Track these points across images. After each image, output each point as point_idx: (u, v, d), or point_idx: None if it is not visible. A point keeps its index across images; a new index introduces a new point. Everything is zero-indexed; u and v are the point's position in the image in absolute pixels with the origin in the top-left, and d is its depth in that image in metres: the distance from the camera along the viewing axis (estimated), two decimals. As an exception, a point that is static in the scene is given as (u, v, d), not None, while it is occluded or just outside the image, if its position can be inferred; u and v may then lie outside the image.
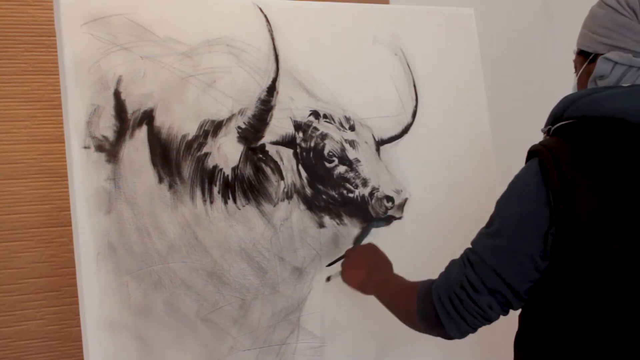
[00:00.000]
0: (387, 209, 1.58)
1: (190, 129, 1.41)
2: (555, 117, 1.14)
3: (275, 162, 1.49)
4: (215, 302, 1.40)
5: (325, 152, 1.54)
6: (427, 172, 1.65)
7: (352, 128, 1.58)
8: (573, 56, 1.24)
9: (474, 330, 1.15)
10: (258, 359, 1.45)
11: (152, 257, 1.35)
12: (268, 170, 1.48)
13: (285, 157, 1.50)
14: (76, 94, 1.31)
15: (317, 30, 1.57)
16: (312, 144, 1.53)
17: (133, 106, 1.36)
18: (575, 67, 1.23)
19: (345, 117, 1.57)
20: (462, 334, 1.16)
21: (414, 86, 1.67)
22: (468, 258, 1.14)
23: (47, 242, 1.74)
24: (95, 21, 1.34)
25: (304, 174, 1.51)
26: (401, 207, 1.60)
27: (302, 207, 1.51)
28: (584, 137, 1.08)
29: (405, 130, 1.65)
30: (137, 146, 1.36)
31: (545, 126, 1.16)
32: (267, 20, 1.51)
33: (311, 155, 1.53)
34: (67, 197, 1.31)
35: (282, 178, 1.49)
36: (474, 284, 1.11)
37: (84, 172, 1.30)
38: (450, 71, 1.72)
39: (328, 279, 1.52)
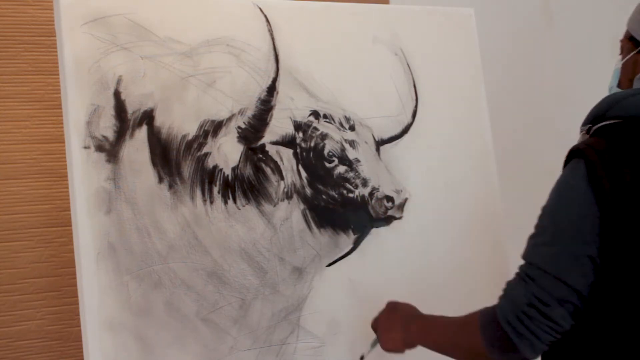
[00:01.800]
0: (387, 209, 1.57)
1: (190, 129, 1.41)
2: (596, 116, 1.09)
3: (275, 162, 1.49)
4: (215, 302, 1.40)
5: (325, 152, 1.54)
6: (427, 172, 1.65)
7: (352, 128, 1.58)
8: (621, 37, 1.17)
9: (547, 346, 1.08)
10: (258, 359, 1.45)
11: (152, 257, 1.35)
12: (268, 170, 1.48)
13: (285, 157, 1.50)
14: (76, 94, 1.31)
15: (317, 30, 1.57)
16: (312, 144, 1.53)
17: (133, 106, 1.36)
18: (622, 51, 1.16)
19: (345, 117, 1.57)
20: (537, 353, 1.09)
21: (414, 86, 1.67)
22: (527, 274, 1.07)
23: (47, 242, 1.74)
24: (95, 21, 1.34)
25: (304, 174, 1.51)
26: (401, 207, 1.60)
27: (302, 207, 1.51)
28: (630, 139, 1.03)
29: (405, 130, 1.65)
30: (137, 146, 1.36)
31: (584, 124, 1.11)
32: (267, 20, 1.51)
33: (311, 155, 1.53)
34: (67, 197, 1.31)
35: (282, 178, 1.49)
36: (542, 299, 1.05)
37: (84, 172, 1.30)
38: (450, 71, 1.72)
39: (361, 358, 1.48)
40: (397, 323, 1.34)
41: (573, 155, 1.08)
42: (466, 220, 1.68)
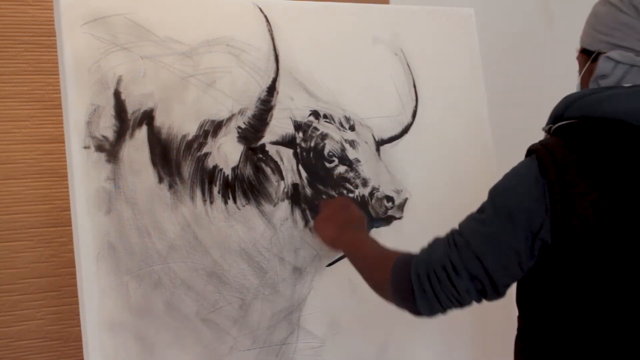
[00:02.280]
0: (387, 209, 1.57)
1: (190, 129, 1.41)
2: (556, 116, 1.13)
3: (275, 162, 1.49)
4: (215, 302, 1.40)
5: (325, 152, 1.54)
6: (427, 172, 1.65)
7: (352, 128, 1.58)
8: (576, 54, 1.22)
9: (444, 312, 1.14)
10: (258, 359, 1.45)
11: (152, 257, 1.35)
12: (268, 170, 1.48)
13: (285, 157, 1.50)
14: (76, 94, 1.31)
15: (317, 30, 1.57)
16: (312, 144, 1.53)
17: (133, 106, 1.36)
18: (579, 66, 1.22)
19: (345, 117, 1.57)
20: (432, 313, 1.15)
21: (414, 86, 1.67)
22: (454, 240, 1.12)
23: (47, 242, 1.74)
24: (95, 21, 1.34)
25: (304, 174, 1.51)
26: (401, 207, 1.60)
27: (302, 207, 1.51)
28: (583, 138, 1.07)
29: (405, 130, 1.65)
30: (137, 146, 1.36)
31: (547, 125, 1.15)
32: (267, 20, 1.51)
33: (311, 155, 1.53)
34: (67, 197, 1.31)
35: (282, 178, 1.49)
36: (456, 267, 1.09)
37: (84, 172, 1.30)
38: (450, 71, 1.72)
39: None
40: (338, 220, 1.40)
41: (529, 153, 1.12)
42: (466, 220, 1.68)
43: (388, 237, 1.58)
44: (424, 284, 1.11)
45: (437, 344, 1.64)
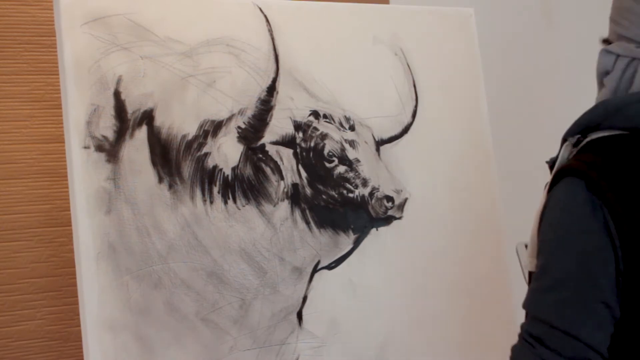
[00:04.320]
0: (387, 209, 1.57)
1: (190, 129, 1.41)
2: (588, 126, 0.95)
3: (275, 162, 1.49)
4: (215, 302, 1.40)
5: (325, 152, 1.54)
6: (427, 172, 1.65)
7: (352, 128, 1.58)
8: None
9: None
10: (258, 359, 1.45)
11: (152, 257, 1.35)
12: (268, 170, 1.48)
13: (285, 157, 1.50)
14: (76, 94, 1.31)
15: (317, 30, 1.57)
16: (312, 144, 1.53)
17: (133, 106, 1.36)
18: None
19: (345, 117, 1.57)
20: None
21: (414, 86, 1.67)
22: (530, 333, 0.90)
23: (47, 242, 1.74)
24: (95, 21, 1.34)
25: (304, 174, 1.51)
26: (401, 207, 1.60)
27: (302, 207, 1.51)
28: (636, 154, 0.89)
29: (405, 130, 1.65)
30: (137, 146, 1.36)
31: (571, 135, 0.96)
32: (267, 20, 1.51)
33: (311, 155, 1.53)
34: (67, 197, 1.31)
35: (282, 178, 1.49)
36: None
37: (84, 172, 1.30)
38: (450, 71, 1.72)
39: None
40: None
41: (562, 174, 0.92)
42: (466, 220, 1.68)
43: (388, 237, 1.58)
44: None
45: (437, 344, 1.64)
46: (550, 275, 0.89)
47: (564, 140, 0.97)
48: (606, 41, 1.02)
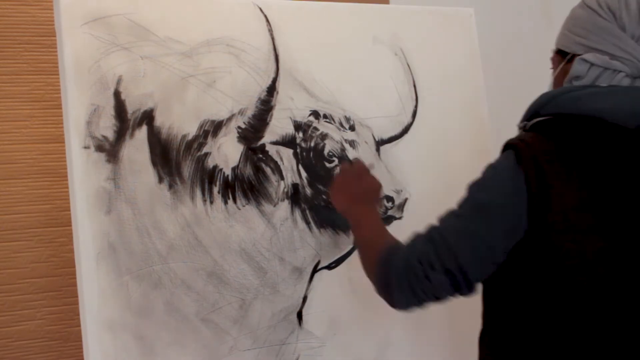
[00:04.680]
0: (387, 209, 1.58)
1: (190, 129, 1.41)
2: (532, 113, 1.15)
3: (275, 162, 1.49)
4: (215, 302, 1.40)
5: (325, 152, 1.54)
6: (427, 172, 1.65)
7: (352, 128, 1.58)
8: (551, 54, 1.24)
9: (421, 306, 1.15)
10: (258, 359, 1.45)
11: (152, 257, 1.35)
12: (268, 170, 1.48)
13: (285, 157, 1.50)
14: (76, 94, 1.31)
15: (317, 30, 1.57)
16: (312, 144, 1.53)
17: (133, 106, 1.36)
18: (553, 66, 1.24)
19: (345, 117, 1.57)
20: (408, 307, 1.16)
21: (414, 86, 1.67)
22: (432, 235, 1.13)
23: (47, 242, 1.74)
24: (95, 21, 1.34)
25: (304, 174, 1.51)
26: (401, 207, 1.60)
27: (302, 207, 1.51)
28: (562, 134, 1.08)
29: (405, 130, 1.65)
30: (137, 146, 1.36)
31: (522, 122, 1.17)
32: (267, 20, 1.51)
33: (311, 155, 1.53)
34: (67, 197, 1.31)
35: (282, 178, 1.49)
36: (431, 261, 1.10)
37: (84, 172, 1.30)
38: (450, 71, 1.72)
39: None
40: (350, 191, 1.37)
41: (506, 147, 1.12)
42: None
43: (388, 237, 1.58)
44: (401, 280, 1.12)
45: (437, 344, 1.64)
46: (462, 208, 1.12)
47: (518, 126, 1.18)
48: (560, 52, 1.20)
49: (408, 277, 1.11)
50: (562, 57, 1.20)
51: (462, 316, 1.65)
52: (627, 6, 1.11)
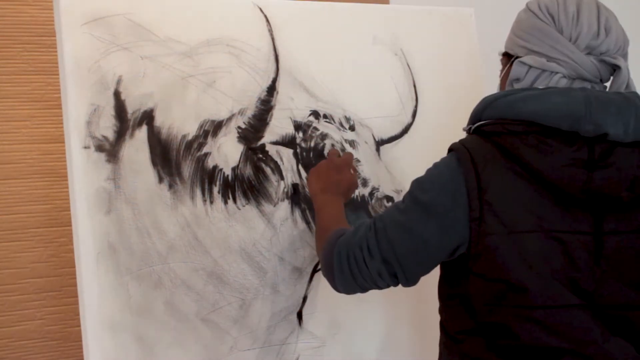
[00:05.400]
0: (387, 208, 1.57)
1: (190, 129, 1.41)
2: (475, 116, 1.17)
3: (275, 162, 1.49)
4: (215, 302, 1.40)
5: (325, 152, 1.54)
6: (427, 172, 1.65)
7: (352, 128, 1.58)
8: (500, 57, 1.28)
9: (363, 290, 1.21)
10: (258, 359, 1.45)
11: (152, 257, 1.35)
12: (268, 170, 1.48)
13: (285, 157, 1.50)
14: (76, 94, 1.31)
15: (317, 30, 1.57)
16: (312, 144, 1.53)
17: (133, 106, 1.36)
18: (502, 68, 1.27)
19: (345, 117, 1.57)
20: (347, 291, 1.22)
21: (414, 86, 1.67)
22: (375, 224, 1.17)
23: (47, 242, 1.74)
24: (95, 21, 1.34)
25: (304, 174, 1.51)
26: (401, 207, 1.60)
27: (302, 207, 1.51)
28: (499, 138, 1.11)
29: (405, 130, 1.65)
30: (137, 146, 1.36)
31: (467, 125, 1.20)
32: (267, 20, 1.51)
33: (311, 155, 1.53)
34: (67, 197, 1.31)
35: (282, 178, 1.49)
36: (370, 249, 1.15)
37: (84, 172, 1.30)
38: (450, 71, 1.72)
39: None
40: (324, 180, 1.42)
41: (450, 150, 1.18)
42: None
43: (388, 237, 1.58)
44: (342, 264, 1.19)
45: (437, 344, 1.64)
46: (404, 203, 1.16)
47: (464, 129, 1.21)
48: (506, 54, 1.24)
49: (349, 261, 1.18)
50: (508, 59, 1.23)
51: (462, 316, 1.65)
52: (565, 9, 1.14)
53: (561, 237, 1.07)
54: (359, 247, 1.17)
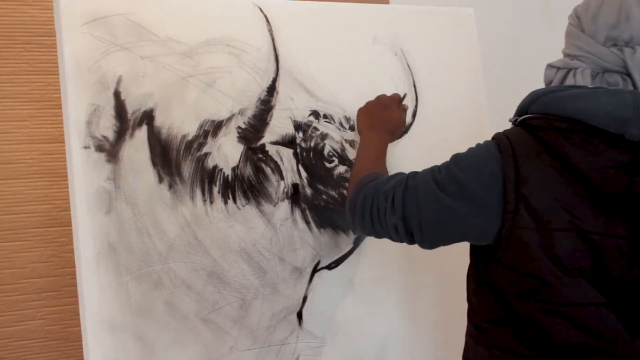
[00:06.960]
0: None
1: (190, 129, 1.41)
2: (522, 109, 1.17)
3: (275, 162, 1.49)
4: (215, 302, 1.40)
5: (325, 152, 1.54)
6: (427, 172, 1.65)
7: (352, 128, 1.58)
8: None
9: (377, 236, 1.24)
10: (258, 359, 1.45)
11: (152, 257, 1.35)
12: (268, 170, 1.48)
13: (285, 157, 1.50)
14: (76, 94, 1.31)
15: (317, 30, 1.57)
16: (312, 144, 1.53)
17: (133, 106, 1.36)
18: None
19: (345, 117, 1.57)
20: (364, 232, 1.25)
21: (414, 86, 1.67)
22: (408, 181, 1.18)
23: (47, 242, 1.75)
24: (95, 21, 1.34)
25: (304, 174, 1.51)
26: (401, 207, 1.60)
27: (302, 207, 1.51)
28: (544, 133, 1.10)
29: (405, 130, 1.65)
30: (137, 146, 1.36)
31: (513, 117, 1.20)
32: (267, 20, 1.51)
33: (311, 155, 1.53)
34: (67, 197, 1.31)
35: (282, 178, 1.49)
36: (395, 203, 1.17)
37: (84, 172, 1.30)
38: (450, 71, 1.72)
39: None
40: (372, 116, 1.48)
41: (493, 139, 1.18)
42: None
43: (388, 237, 1.58)
44: (365, 208, 1.21)
45: (437, 344, 1.64)
46: (442, 173, 1.16)
47: (510, 120, 1.21)
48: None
49: (371, 208, 1.20)
50: None
51: (462, 317, 1.65)
52: (587, 8, 1.17)
53: (594, 239, 1.06)
54: (385, 197, 1.18)
